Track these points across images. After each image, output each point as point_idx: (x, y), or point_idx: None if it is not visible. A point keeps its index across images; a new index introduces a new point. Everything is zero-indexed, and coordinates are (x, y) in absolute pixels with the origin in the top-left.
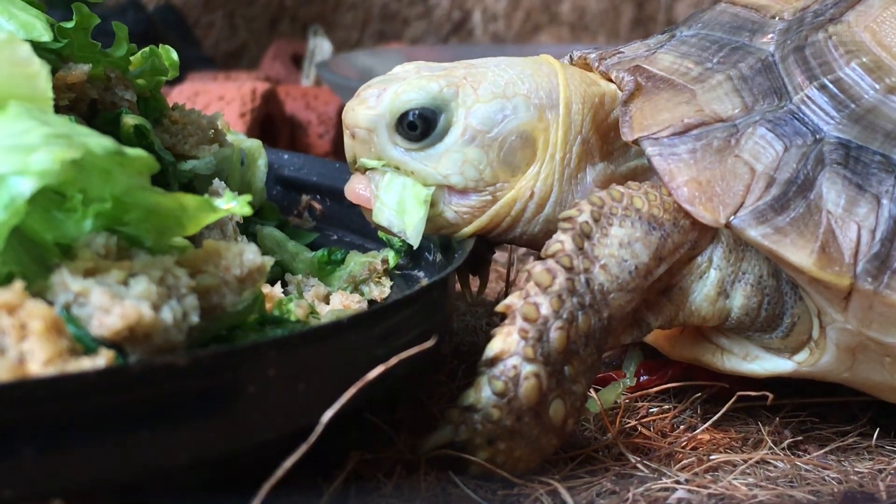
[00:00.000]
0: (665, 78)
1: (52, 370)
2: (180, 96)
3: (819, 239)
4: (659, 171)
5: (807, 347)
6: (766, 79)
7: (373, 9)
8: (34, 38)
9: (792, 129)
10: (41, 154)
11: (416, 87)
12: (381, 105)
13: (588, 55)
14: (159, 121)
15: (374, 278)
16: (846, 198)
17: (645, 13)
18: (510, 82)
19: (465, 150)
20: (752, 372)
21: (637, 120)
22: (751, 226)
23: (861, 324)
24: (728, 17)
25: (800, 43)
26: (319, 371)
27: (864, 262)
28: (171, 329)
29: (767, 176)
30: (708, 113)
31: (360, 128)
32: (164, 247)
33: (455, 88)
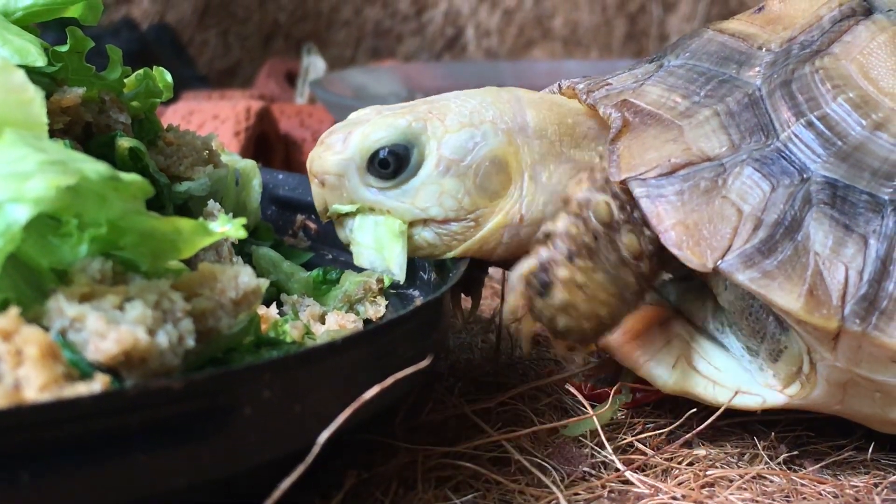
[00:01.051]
0: (652, 113)
1: (47, 396)
2: (175, 115)
3: (807, 282)
4: (647, 214)
5: (797, 381)
6: (754, 114)
7: (366, 26)
8: (29, 63)
9: (779, 168)
10: (36, 181)
11: (384, 125)
12: (348, 148)
13: (576, 85)
14: (154, 142)
15: (370, 297)
16: (834, 239)
17: (637, 28)
18: (475, 111)
19: (441, 182)
20: (745, 405)
21: (625, 159)
22: (739, 270)
23: (850, 363)
24: (716, 46)
25: (787, 77)
26: (315, 392)
27: (852, 303)
28: (167, 353)
29: (755, 217)
30: (695, 152)
31: (329, 174)
32: (159, 270)
33: (423, 122)
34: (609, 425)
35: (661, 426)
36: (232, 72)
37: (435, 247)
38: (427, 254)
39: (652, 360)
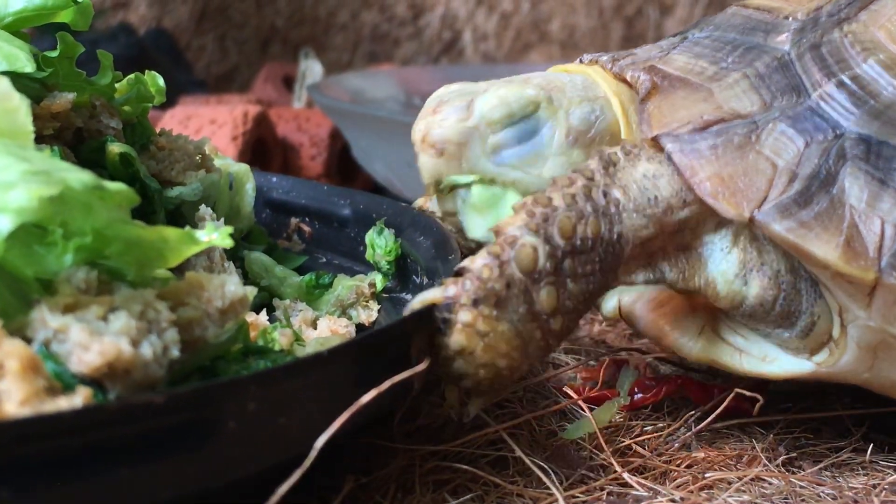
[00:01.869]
0: (681, 77)
1: (28, 410)
2: (172, 120)
3: (843, 233)
4: (680, 167)
5: (826, 348)
6: (784, 76)
7: (363, 30)
8: (17, 69)
9: (812, 124)
10: (19, 191)
11: (511, 93)
12: (474, 115)
13: (600, 58)
14: (146, 147)
15: (362, 302)
16: (869, 192)
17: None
18: (586, 86)
19: (569, 153)
20: (771, 373)
21: (656, 118)
22: (775, 220)
23: (884, 320)
24: (740, 19)
25: (816, 41)
26: (301, 404)
27: (888, 256)
28: (151, 364)
29: (790, 171)
30: (727, 110)
31: (451, 142)
32: (145, 279)
33: (548, 92)
34: (607, 428)
35: (660, 428)
36: (229, 76)
37: None
38: None
39: (677, 328)
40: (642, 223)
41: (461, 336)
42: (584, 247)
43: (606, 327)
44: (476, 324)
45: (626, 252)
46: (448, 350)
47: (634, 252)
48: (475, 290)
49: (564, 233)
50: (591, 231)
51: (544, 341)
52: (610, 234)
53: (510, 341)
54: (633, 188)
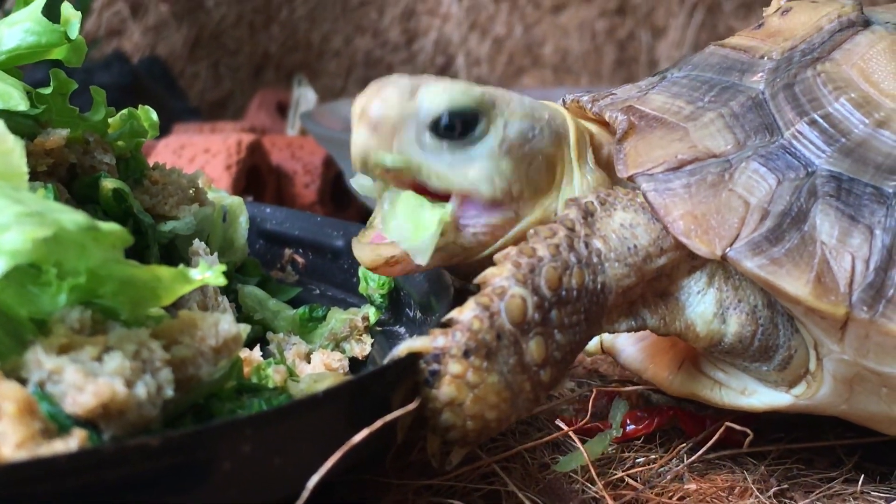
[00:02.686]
0: (657, 117)
1: (24, 453)
2: (166, 150)
3: (814, 269)
4: (654, 206)
5: (804, 380)
6: (758, 115)
7: (357, 55)
8: (11, 108)
9: (784, 163)
10: (13, 233)
11: (459, 88)
12: (418, 101)
13: (580, 98)
14: (140, 181)
15: (356, 335)
16: (840, 229)
17: (627, 54)
18: (534, 107)
19: (499, 160)
20: (750, 406)
21: (631, 157)
22: (747, 257)
23: (857, 354)
24: (717, 58)
25: (789, 80)
26: (295, 444)
27: (859, 291)
28: (145, 404)
29: (762, 209)
30: (701, 149)
31: (388, 120)
32: (139, 318)
33: (492, 98)
34: (600, 460)
35: (652, 460)
36: (223, 103)
37: (469, 249)
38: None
39: (657, 362)
40: (624, 272)
41: (451, 388)
42: (569, 297)
43: (599, 356)
44: (466, 375)
45: (609, 301)
46: (437, 402)
47: (617, 301)
48: (466, 341)
49: (551, 284)
50: (575, 282)
51: (533, 393)
52: (594, 283)
53: (500, 393)
54: (613, 238)
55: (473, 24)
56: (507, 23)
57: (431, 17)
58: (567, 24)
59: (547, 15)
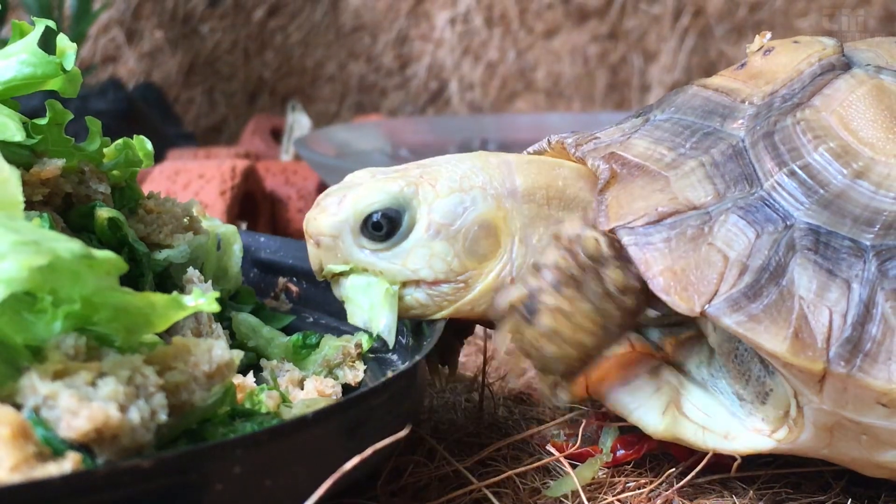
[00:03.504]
0: (639, 164)
1: (18, 476)
2: (161, 176)
3: (792, 325)
4: (635, 261)
5: (785, 425)
6: (738, 165)
7: (350, 81)
8: (7, 139)
9: (763, 215)
10: (9, 262)
11: (377, 189)
12: (343, 210)
13: (565, 140)
14: (134, 210)
15: (349, 362)
16: (817, 283)
17: (619, 79)
18: (464, 176)
19: (430, 245)
20: (733, 450)
21: (613, 209)
22: (725, 314)
23: (836, 405)
24: (700, 100)
25: (769, 129)
26: (286, 466)
27: (836, 346)
28: (139, 429)
29: (741, 263)
30: (682, 201)
31: (324, 235)
32: (133, 344)
33: (414, 187)
34: (590, 485)
35: (642, 485)
36: (218, 129)
37: (426, 307)
38: (419, 314)
39: (642, 406)
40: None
41: (549, 319)
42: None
43: None
44: (561, 305)
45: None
46: (538, 336)
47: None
48: (556, 278)
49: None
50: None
51: (621, 318)
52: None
53: (592, 318)
54: None
55: (466, 50)
56: (499, 48)
57: (425, 43)
58: (559, 48)
59: (539, 40)
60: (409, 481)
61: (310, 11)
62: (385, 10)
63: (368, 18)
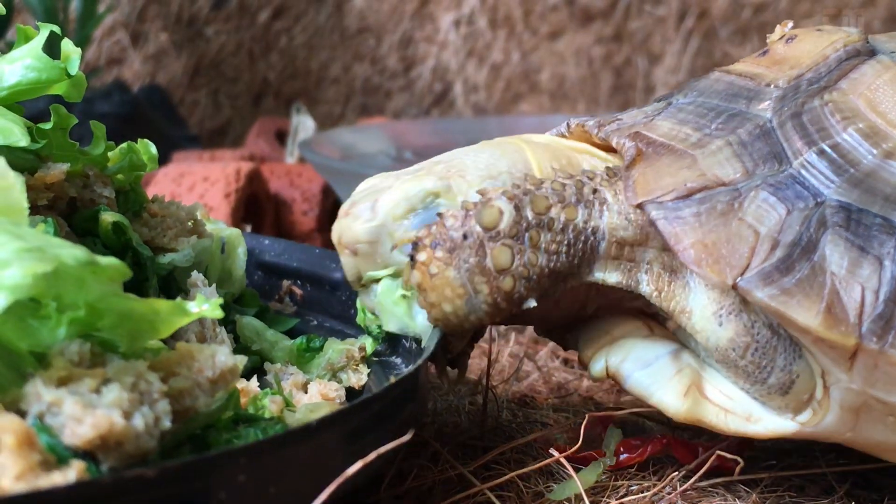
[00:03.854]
0: (665, 143)
1: (23, 485)
2: (165, 179)
3: (825, 300)
4: (665, 235)
5: (810, 408)
6: (766, 144)
7: (355, 83)
8: (12, 143)
9: (793, 192)
10: (13, 269)
11: (411, 188)
12: (378, 215)
13: (586, 123)
14: (139, 214)
15: (352, 366)
16: (849, 259)
17: (623, 80)
18: (490, 164)
19: None
20: (755, 433)
21: (640, 185)
22: (758, 287)
23: (866, 383)
24: (723, 85)
25: (797, 109)
26: (290, 473)
27: (868, 322)
28: (143, 436)
29: (772, 238)
30: (710, 177)
31: (361, 242)
32: (137, 350)
33: (446, 181)
34: (593, 488)
35: (645, 488)
36: (222, 131)
37: None
38: None
39: (662, 388)
40: (622, 224)
41: (417, 273)
42: (552, 225)
43: (594, 383)
44: (430, 265)
45: (601, 247)
46: (409, 284)
47: (612, 251)
48: (436, 234)
49: (536, 208)
50: (565, 215)
51: (491, 297)
52: (585, 224)
53: (455, 288)
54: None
55: (471, 52)
56: (504, 50)
57: (429, 45)
58: (564, 50)
59: (544, 42)
60: (413, 485)
61: (314, 14)
62: (389, 12)
63: (373, 20)
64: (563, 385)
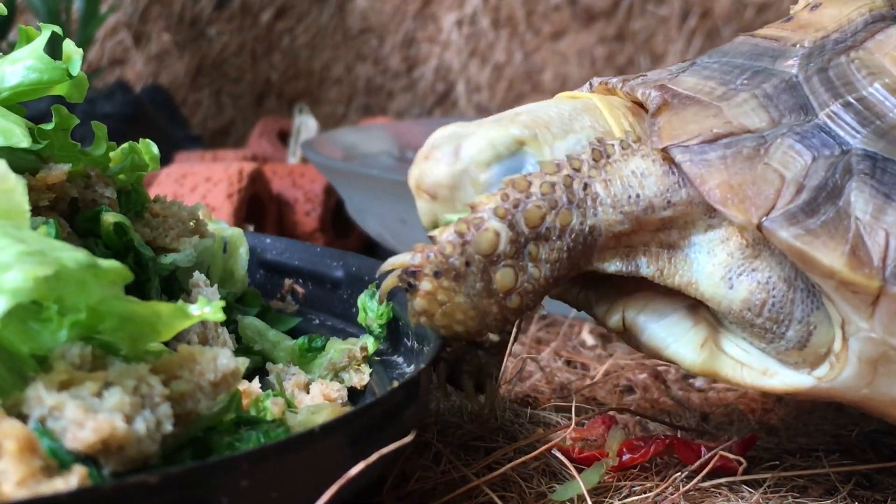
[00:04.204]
0: (690, 96)
1: (24, 492)
2: (168, 179)
3: (849, 242)
4: (690, 176)
5: (827, 361)
6: (791, 97)
7: (357, 83)
8: (13, 144)
9: (819, 141)
10: (15, 272)
11: (497, 135)
12: (462, 159)
13: (609, 80)
14: (140, 214)
15: (354, 365)
16: (874, 205)
17: None
18: (571, 117)
19: None
20: (771, 387)
21: (666, 130)
22: (782, 227)
23: (887, 331)
24: (748, 46)
25: (823, 65)
26: (292, 479)
27: (893, 266)
28: (145, 440)
29: (797, 182)
30: (736, 125)
31: (442, 186)
32: (139, 353)
33: (532, 129)
34: (596, 489)
35: (648, 489)
36: (225, 131)
37: None
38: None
39: (678, 340)
40: (617, 219)
41: (423, 301)
42: (549, 235)
43: (597, 383)
44: (436, 293)
45: (598, 242)
46: (412, 310)
47: (609, 243)
48: (437, 263)
49: (530, 221)
50: (560, 222)
51: (501, 314)
52: (581, 225)
53: (466, 312)
54: (617, 184)
55: (473, 52)
56: (506, 50)
57: (431, 45)
58: (566, 50)
59: (546, 42)
60: (415, 486)
61: (317, 14)
62: (392, 13)
63: (375, 21)
64: (566, 385)
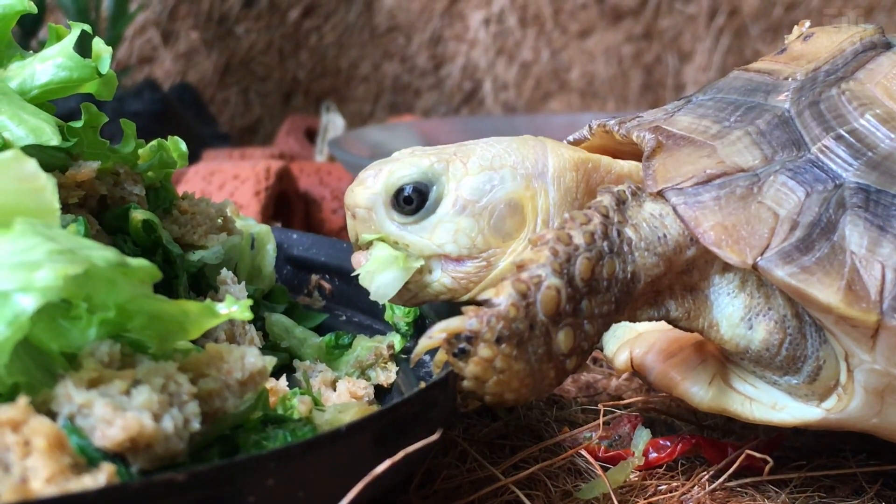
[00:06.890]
0: (684, 136)
1: (53, 488)
2: (196, 176)
3: (845, 277)
4: (685, 219)
5: (835, 393)
6: (784, 132)
7: (385, 81)
8: (43, 142)
9: (812, 176)
10: (45, 271)
11: (409, 164)
12: (377, 184)
13: (607, 122)
14: (169, 211)
15: (381, 363)
16: (869, 239)
17: (653, 78)
18: (497, 155)
19: (456, 220)
20: (781, 421)
21: (660, 173)
22: (777, 266)
23: (889, 362)
24: (742, 81)
25: (814, 98)
26: (319, 477)
27: (889, 299)
28: (172, 438)
29: (791, 220)
30: (729, 164)
31: (359, 207)
32: (167, 351)
33: (445, 163)
34: (622, 488)
35: (674, 488)
36: (253, 129)
37: (454, 290)
38: (448, 298)
39: (688, 378)
40: (653, 262)
41: (478, 368)
42: (599, 287)
43: (623, 382)
44: (494, 361)
45: (637, 290)
46: (462, 375)
47: (645, 290)
48: (501, 329)
49: (584, 275)
50: (607, 271)
51: (556, 379)
52: (624, 273)
53: (523, 379)
54: (644, 227)
55: (500, 50)
56: (533, 48)
57: (459, 43)
58: (594, 48)
59: (573, 40)
60: (441, 485)
61: (344, 12)
62: (419, 11)
63: (403, 19)
64: (592, 384)
